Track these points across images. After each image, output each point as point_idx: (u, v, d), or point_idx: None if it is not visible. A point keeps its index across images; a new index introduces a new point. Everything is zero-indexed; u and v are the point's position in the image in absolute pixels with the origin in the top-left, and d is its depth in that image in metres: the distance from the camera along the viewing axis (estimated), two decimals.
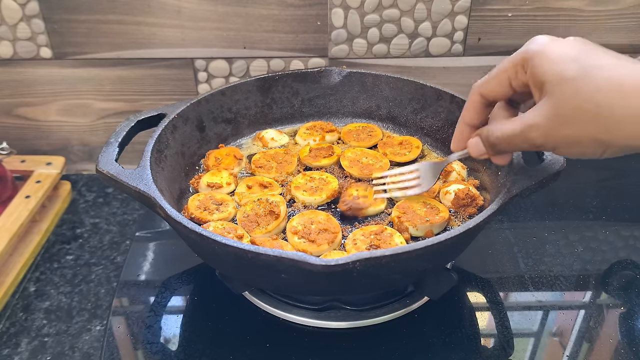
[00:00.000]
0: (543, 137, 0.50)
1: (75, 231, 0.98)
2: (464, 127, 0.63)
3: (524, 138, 0.52)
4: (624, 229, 0.90)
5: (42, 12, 0.97)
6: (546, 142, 0.51)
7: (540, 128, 0.50)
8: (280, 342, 0.70)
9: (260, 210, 0.73)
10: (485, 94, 0.59)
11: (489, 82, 0.58)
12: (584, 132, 0.48)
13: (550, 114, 0.49)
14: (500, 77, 0.56)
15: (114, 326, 0.73)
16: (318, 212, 0.73)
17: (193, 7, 0.97)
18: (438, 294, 0.71)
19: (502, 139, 0.55)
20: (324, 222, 0.71)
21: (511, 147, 0.55)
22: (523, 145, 0.53)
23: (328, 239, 0.68)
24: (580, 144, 0.49)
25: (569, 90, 0.48)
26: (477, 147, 0.60)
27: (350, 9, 0.98)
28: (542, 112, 0.50)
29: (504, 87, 0.56)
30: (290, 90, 0.94)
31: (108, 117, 1.09)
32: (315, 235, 0.68)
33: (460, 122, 0.63)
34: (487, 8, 0.99)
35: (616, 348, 0.69)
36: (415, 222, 0.71)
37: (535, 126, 0.51)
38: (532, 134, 0.51)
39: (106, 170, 0.67)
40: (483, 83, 0.59)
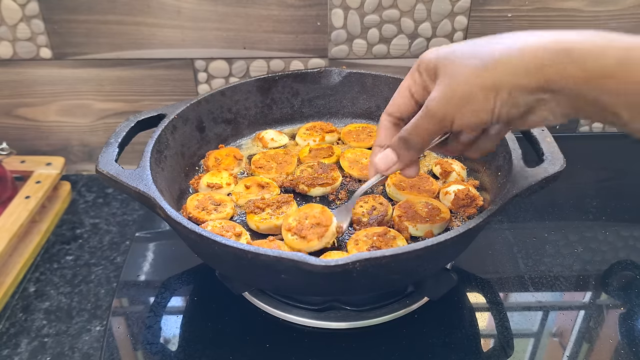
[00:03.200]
0: (441, 106, 0.52)
1: (75, 231, 0.98)
2: (376, 150, 0.63)
3: (429, 114, 0.53)
4: (624, 229, 0.90)
5: (42, 12, 0.97)
6: (445, 110, 0.52)
7: (437, 98, 0.52)
8: (280, 343, 0.70)
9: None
10: (391, 112, 0.61)
11: (393, 100, 0.60)
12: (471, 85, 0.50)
13: (443, 85, 0.52)
14: (401, 91, 0.59)
15: (114, 326, 0.73)
16: (314, 205, 0.72)
17: (193, 8, 0.97)
18: (438, 294, 0.71)
19: (411, 130, 0.56)
20: (318, 215, 0.70)
21: (422, 132, 0.55)
22: (430, 125, 0.54)
23: (318, 234, 0.67)
24: (473, 99, 0.50)
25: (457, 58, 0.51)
26: (385, 157, 0.61)
27: (350, 9, 0.98)
28: (437, 87, 0.53)
29: (407, 100, 0.58)
30: (290, 90, 0.94)
31: (108, 118, 1.09)
32: (306, 231, 0.68)
33: (374, 148, 0.63)
34: (486, 9, 0.99)
35: (616, 348, 0.69)
36: (416, 222, 0.71)
37: (433, 100, 0.52)
38: (433, 106, 0.52)
39: (106, 171, 0.67)
40: (389, 104, 0.61)
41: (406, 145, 0.58)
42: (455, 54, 0.52)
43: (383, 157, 0.61)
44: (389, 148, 0.61)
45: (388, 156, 0.61)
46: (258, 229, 0.73)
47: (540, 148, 0.71)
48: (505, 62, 0.48)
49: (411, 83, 0.58)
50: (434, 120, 0.53)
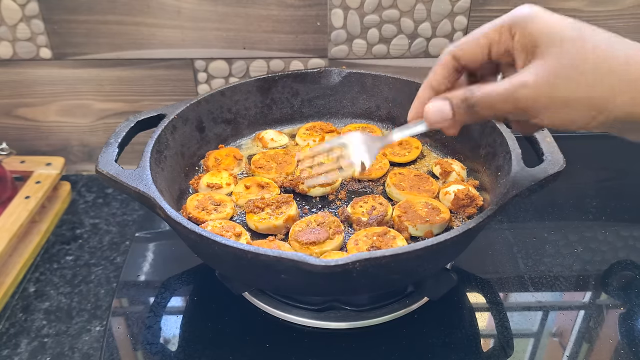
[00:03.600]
0: (532, 97, 0.47)
1: (75, 232, 0.98)
2: (426, 91, 0.56)
3: (511, 98, 0.48)
4: (624, 229, 0.90)
5: (42, 12, 0.97)
6: (534, 103, 0.47)
7: (530, 87, 0.47)
8: (280, 343, 0.70)
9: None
10: (460, 56, 0.53)
11: (467, 44, 0.53)
12: (576, 92, 0.45)
13: (543, 73, 0.46)
14: (479, 40, 0.52)
15: (114, 327, 0.73)
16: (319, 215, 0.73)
17: (193, 8, 0.97)
18: (438, 294, 0.71)
19: (484, 98, 0.50)
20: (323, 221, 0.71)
21: (492, 108, 0.50)
22: (507, 106, 0.48)
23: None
24: (571, 107, 0.46)
25: (566, 50, 0.45)
26: (440, 112, 0.53)
27: (350, 9, 0.98)
28: (534, 72, 0.47)
29: (482, 52, 0.52)
30: (290, 90, 0.94)
31: (108, 118, 1.09)
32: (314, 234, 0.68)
33: (424, 87, 0.56)
34: (486, 8, 0.99)
35: (616, 348, 0.69)
36: (415, 222, 0.71)
37: (526, 85, 0.47)
38: (521, 94, 0.47)
39: (106, 171, 0.67)
40: (459, 45, 0.53)
41: (470, 110, 0.51)
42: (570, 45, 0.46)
43: (438, 108, 0.53)
44: (447, 101, 0.53)
45: (444, 110, 0.53)
46: (257, 228, 0.73)
47: (540, 148, 0.71)
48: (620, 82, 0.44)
49: (495, 38, 0.51)
50: (518, 107, 0.48)
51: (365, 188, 0.82)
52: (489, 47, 0.51)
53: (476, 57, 0.52)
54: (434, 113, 0.53)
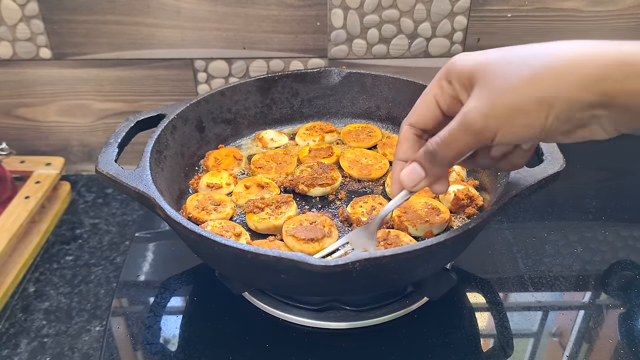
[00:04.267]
0: (483, 118, 0.47)
1: (75, 232, 0.98)
2: (398, 165, 0.58)
3: (464, 129, 0.49)
4: (624, 229, 0.90)
5: (42, 12, 0.97)
6: (487, 122, 0.47)
7: (477, 108, 0.47)
8: (280, 343, 0.70)
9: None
10: (415, 123, 0.56)
11: (417, 110, 0.56)
12: (522, 96, 0.45)
13: (482, 94, 0.47)
14: (426, 100, 0.55)
15: (114, 327, 0.73)
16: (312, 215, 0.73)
17: (192, 8, 0.97)
18: (438, 294, 0.71)
19: (442, 143, 0.51)
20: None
21: (452, 147, 0.51)
22: (464, 136, 0.49)
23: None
24: (522, 111, 0.46)
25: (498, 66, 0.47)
26: (412, 174, 0.55)
27: (350, 9, 0.98)
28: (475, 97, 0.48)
29: (433, 110, 0.54)
30: (290, 90, 0.94)
31: (107, 118, 1.09)
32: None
33: (395, 163, 0.58)
34: (486, 9, 0.99)
35: (616, 348, 0.69)
36: (415, 222, 0.71)
37: (472, 109, 0.48)
38: (471, 118, 0.48)
39: (106, 171, 0.67)
40: (411, 113, 0.57)
41: (435, 159, 0.53)
42: (496, 61, 0.48)
43: (409, 172, 0.56)
44: (415, 162, 0.55)
45: (415, 171, 0.55)
46: (256, 229, 0.73)
47: (539, 148, 0.71)
48: (562, 72, 0.44)
49: (438, 92, 0.53)
50: (472, 133, 0.48)
51: (365, 188, 0.82)
52: (436, 103, 0.54)
53: (430, 117, 0.55)
54: (407, 177, 0.56)
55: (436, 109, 0.54)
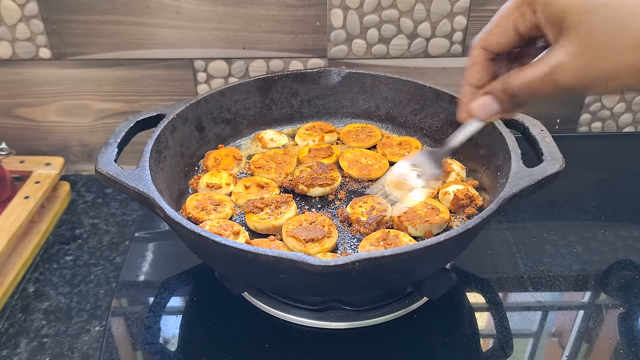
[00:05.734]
0: (573, 77, 0.45)
1: (75, 232, 0.98)
2: (469, 90, 0.55)
3: (551, 82, 0.46)
4: (623, 229, 0.90)
5: (41, 12, 0.97)
6: (578, 82, 0.45)
7: (568, 67, 0.44)
8: (280, 343, 0.70)
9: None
10: (488, 46, 0.52)
11: (491, 32, 0.52)
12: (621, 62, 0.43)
13: (578, 49, 0.44)
14: (503, 23, 0.50)
15: (113, 327, 0.73)
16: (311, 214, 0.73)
17: (192, 8, 0.97)
18: (437, 294, 0.71)
19: (524, 87, 0.49)
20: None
21: (535, 94, 0.48)
22: (549, 90, 0.47)
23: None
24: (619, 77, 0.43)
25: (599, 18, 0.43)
26: (487, 107, 0.53)
27: (350, 9, 0.98)
28: (568, 49, 0.44)
29: (509, 35, 0.50)
30: (290, 90, 0.94)
31: (107, 118, 1.08)
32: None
33: (466, 87, 0.56)
34: (486, 8, 0.99)
35: (615, 348, 0.70)
36: (415, 222, 0.71)
37: (563, 66, 0.45)
38: (561, 76, 0.45)
39: (105, 171, 0.67)
40: (484, 35, 0.52)
41: (514, 99, 0.51)
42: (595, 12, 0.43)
43: (483, 105, 0.53)
44: (490, 96, 0.52)
45: (490, 105, 0.53)
46: (256, 229, 0.73)
47: (539, 148, 0.71)
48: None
49: (518, 17, 0.49)
50: (561, 88, 0.46)
51: (365, 188, 0.82)
52: (515, 28, 0.50)
53: (505, 41, 0.51)
54: (481, 110, 0.54)
55: (512, 32, 0.50)
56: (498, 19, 0.51)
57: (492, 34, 0.52)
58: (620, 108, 1.12)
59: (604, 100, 1.11)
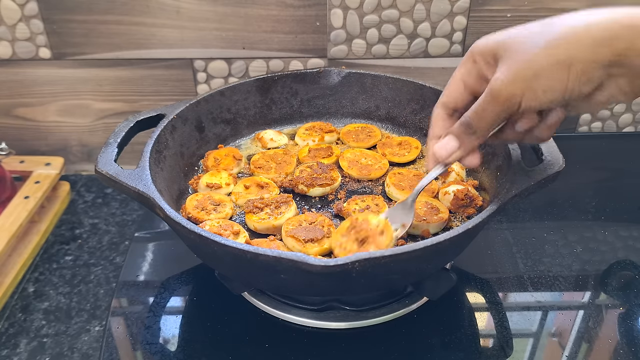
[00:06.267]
0: (507, 86, 0.51)
1: (74, 232, 0.98)
2: (433, 142, 0.61)
3: (493, 98, 0.52)
4: (623, 229, 0.90)
5: (41, 12, 0.97)
6: (512, 90, 0.51)
7: (502, 79, 0.51)
8: (280, 343, 0.70)
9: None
10: (445, 102, 0.60)
11: (446, 91, 0.59)
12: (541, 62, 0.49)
13: (506, 66, 0.51)
14: (454, 81, 0.58)
15: (113, 327, 0.73)
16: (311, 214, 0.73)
17: (192, 8, 0.97)
18: (437, 294, 0.71)
19: (474, 114, 0.55)
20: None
21: (485, 118, 0.54)
22: (495, 107, 0.53)
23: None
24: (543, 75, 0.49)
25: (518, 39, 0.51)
26: (445, 145, 0.59)
27: (350, 9, 0.98)
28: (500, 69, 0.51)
29: (460, 90, 0.58)
30: (290, 90, 0.94)
31: (107, 118, 1.08)
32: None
33: (429, 140, 0.62)
34: (486, 9, 0.99)
35: (615, 348, 0.70)
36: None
37: (497, 80, 0.51)
38: (497, 89, 0.51)
39: (105, 171, 0.67)
40: (441, 96, 0.60)
41: (469, 130, 0.56)
42: (517, 35, 0.51)
43: (443, 144, 0.59)
44: (449, 135, 0.59)
45: (448, 143, 0.59)
46: (256, 229, 0.73)
47: (539, 148, 0.71)
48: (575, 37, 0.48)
49: (464, 73, 0.57)
50: (500, 102, 0.52)
51: (365, 188, 0.82)
52: (465, 84, 0.57)
53: (459, 97, 0.58)
54: (441, 150, 0.59)
55: (464, 90, 0.58)
56: (452, 79, 0.59)
57: (447, 92, 0.59)
58: (620, 108, 1.12)
59: None
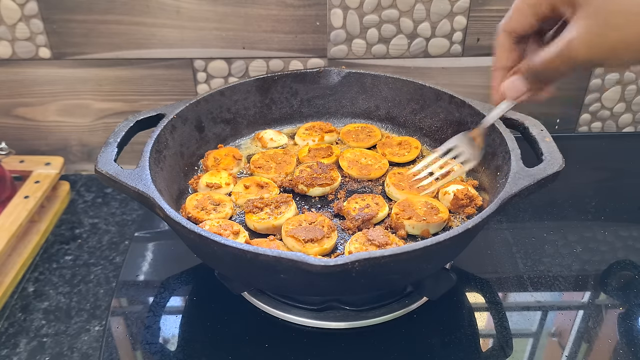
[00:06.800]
0: (587, 49, 0.47)
1: (74, 231, 0.98)
2: (498, 73, 0.59)
3: (567, 56, 0.49)
4: (623, 229, 0.90)
5: (41, 12, 0.97)
6: (591, 54, 0.47)
7: (581, 40, 0.47)
8: (279, 343, 0.70)
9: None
10: (510, 29, 0.56)
11: (512, 17, 0.56)
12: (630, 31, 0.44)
13: (589, 23, 0.46)
14: (522, 7, 0.54)
15: (113, 326, 0.73)
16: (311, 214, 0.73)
17: (192, 8, 0.97)
18: (437, 294, 0.71)
19: (543, 64, 0.52)
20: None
21: (555, 70, 0.51)
22: (567, 64, 0.49)
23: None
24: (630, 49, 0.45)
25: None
26: (514, 86, 0.56)
27: (350, 9, 0.98)
28: (580, 24, 0.47)
29: (529, 18, 0.54)
30: (290, 90, 0.94)
31: (107, 117, 1.08)
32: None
33: (495, 71, 0.59)
34: (486, 9, 0.99)
35: (615, 348, 0.70)
36: (413, 220, 0.71)
37: (576, 39, 0.47)
38: (575, 49, 0.48)
39: (105, 171, 0.67)
40: (506, 19, 0.56)
41: (539, 77, 0.54)
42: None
43: (512, 85, 0.57)
44: (517, 75, 0.56)
45: (517, 85, 0.56)
46: (255, 229, 0.73)
47: (539, 148, 0.71)
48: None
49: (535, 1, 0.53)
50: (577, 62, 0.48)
51: (365, 188, 0.82)
52: (533, 11, 0.53)
53: (526, 23, 0.54)
54: (510, 90, 0.57)
55: (532, 15, 0.54)
56: (517, 3, 0.54)
57: (513, 17, 0.55)
58: (620, 108, 1.12)
59: (603, 100, 1.11)
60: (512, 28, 0.56)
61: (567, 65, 0.50)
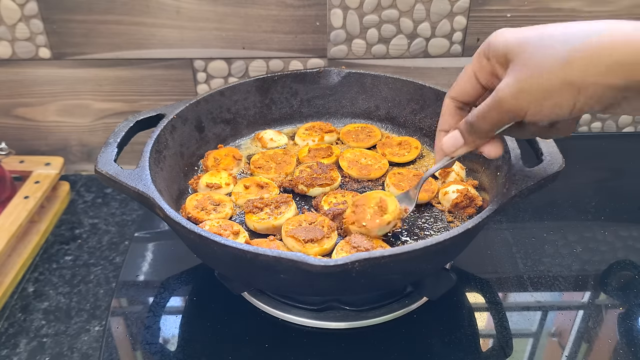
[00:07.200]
0: (513, 97, 0.50)
1: (74, 232, 0.98)
2: (441, 135, 0.62)
3: (497, 106, 0.52)
4: (623, 229, 0.90)
5: (41, 12, 0.97)
6: (517, 102, 0.50)
7: (509, 89, 0.50)
8: (279, 343, 0.70)
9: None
10: (455, 96, 0.60)
11: (457, 84, 0.59)
12: (553, 79, 0.47)
13: (516, 73, 0.49)
14: (466, 74, 0.58)
15: (113, 327, 0.73)
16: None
17: (192, 8, 0.97)
18: (437, 294, 0.71)
19: (477, 116, 0.55)
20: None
21: (486, 120, 0.54)
22: (498, 114, 0.52)
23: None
24: (552, 93, 0.48)
25: (532, 45, 0.49)
26: (451, 140, 0.60)
27: (349, 9, 0.98)
28: (509, 75, 0.50)
29: (472, 84, 0.57)
30: (289, 90, 0.94)
31: (107, 118, 1.08)
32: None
33: (438, 133, 0.63)
34: (486, 9, 0.99)
35: (615, 348, 0.70)
36: (361, 222, 0.68)
37: (505, 88, 0.50)
38: (502, 97, 0.51)
39: (105, 171, 0.67)
40: (452, 87, 0.60)
41: (473, 130, 0.57)
42: (531, 41, 0.49)
43: (450, 139, 0.60)
44: (456, 130, 0.60)
45: (455, 138, 0.60)
46: (255, 229, 0.73)
47: (539, 148, 0.71)
48: (592, 57, 0.45)
49: (477, 67, 0.56)
50: (504, 110, 0.51)
51: (365, 188, 0.82)
52: (476, 78, 0.57)
53: (470, 90, 0.58)
54: (447, 144, 0.61)
55: (476, 83, 0.57)
56: (463, 71, 0.58)
57: (458, 85, 0.59)
58: None
59: None
60: (457, 94, 0.60)
61: (495, 114, 0.53)
